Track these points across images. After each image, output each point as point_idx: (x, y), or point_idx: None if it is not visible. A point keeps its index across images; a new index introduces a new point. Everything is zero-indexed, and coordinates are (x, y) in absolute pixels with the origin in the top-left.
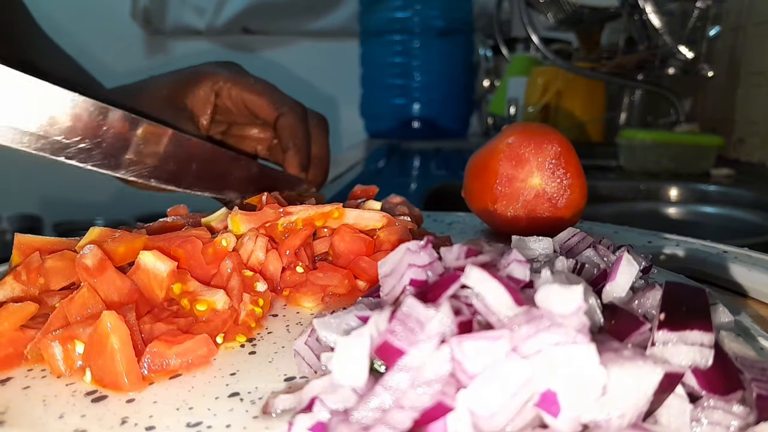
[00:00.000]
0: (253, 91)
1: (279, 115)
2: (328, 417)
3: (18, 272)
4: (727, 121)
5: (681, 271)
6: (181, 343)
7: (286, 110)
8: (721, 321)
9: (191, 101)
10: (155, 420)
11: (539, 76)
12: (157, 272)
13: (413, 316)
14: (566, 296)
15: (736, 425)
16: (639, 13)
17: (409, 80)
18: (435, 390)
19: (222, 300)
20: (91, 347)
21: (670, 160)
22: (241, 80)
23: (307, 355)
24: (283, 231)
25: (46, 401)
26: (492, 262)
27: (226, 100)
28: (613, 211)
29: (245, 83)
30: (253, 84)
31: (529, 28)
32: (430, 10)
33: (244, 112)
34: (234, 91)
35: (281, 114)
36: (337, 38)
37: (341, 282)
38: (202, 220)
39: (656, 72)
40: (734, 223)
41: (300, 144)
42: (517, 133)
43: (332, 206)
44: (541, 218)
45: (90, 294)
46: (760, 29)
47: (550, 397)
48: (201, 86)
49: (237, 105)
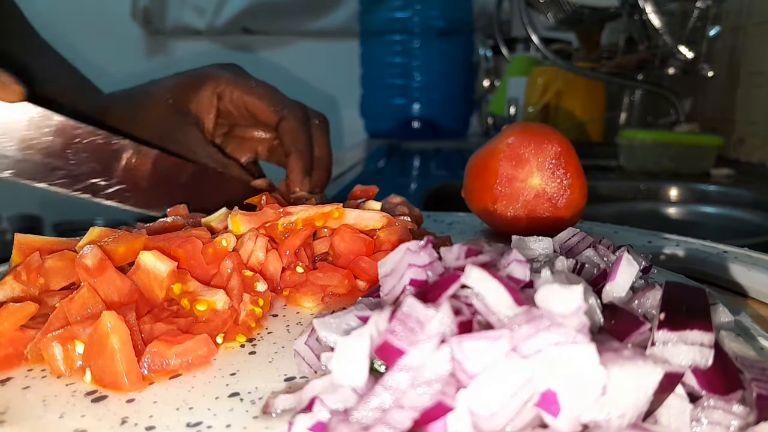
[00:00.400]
0: (254, 94)
1: (281, 119)
2: (328, 417)
3: (18, 272)
4: (727, 121)
5: (681, 271)
6: (181, 343)
7: (288, 113)
8: (721, 321)
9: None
10: (155, 420)
11: (539, 76)
12: (157, 272)
13: (413, 315)
14: (566, 296)
15: (736, 425)
16: (639, 13)
17: (409, 80)
18: (435, 390)
19: (222, 300)
20: (91, 347)
21: (670, 160)
22: (243, 83)
23: (307, 355)
24: (283, 231)
25: (46, 401)
26: (492, 262)
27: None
28: (613, 211)
29: (246, 86)
30: (254, 87)
31: (529, 28)
32: (430, 10)
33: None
34: (235, 94)
35: (283, 117)
36: (337, 38)
37: (341, 282)
38: (202, 220)
39: (656, 72)
40: (734, 223)
41: (302, 148)
42: (517, 133)
43: (332, 206)
44: (541, 218)
45: (90, 294)
46: (760, 29)
47: (550, 397)
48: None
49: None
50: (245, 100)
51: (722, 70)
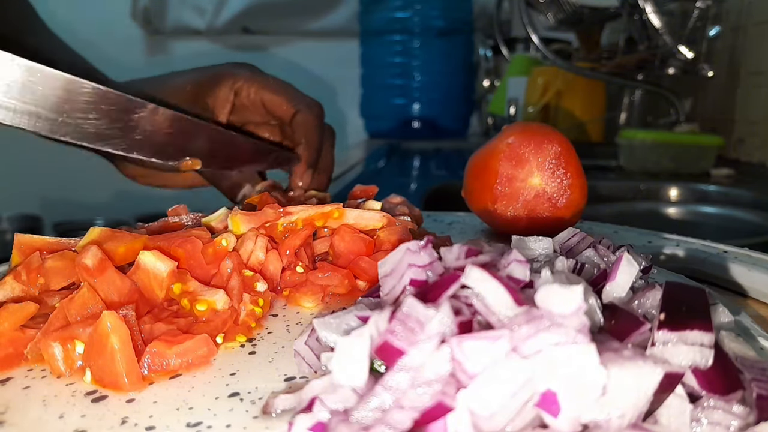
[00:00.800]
0: (271, 90)
1: (296, 112)
2: (328, 417)
3: (18, 272)
4: (727, 121)
5: (681, 271)
6: (181, 343)
7: (303, 108)
8: (721, 321)
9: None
10: (155, 420)
11: (539, 76)
12: (157, 272)
13: (413, 316)
14: (566, 296)
15: (736, 425)
16: (639, 13)
17: (409, 80)
18: (435, 390)
19: (222, 300)
20: (91, 347)
21: (670, 160)
22: (260, 79)
23: (307, 355)
24: (283, 231)
25: (46, 401)
26: (492, 262)
27: (245, 99)
28: (613, 211)
29: (263, 82)
30: (271, 83)
31: (529, 28)
32: (430, 10)
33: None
34: (252, 90)
35: (298, 111)
36: (337, 38)
37: (341, 282)
38: (202, 219)
39: (656, 72)
40: (734, 223)
41: (312, 141)
42: (517, 133)
43: (332, 206)
44: (541, 218)
45: (90, 294)
46: (760, 29)
47: (550, 397)
48: (221, 86)
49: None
50: (262, 96)
51: (722, 70)
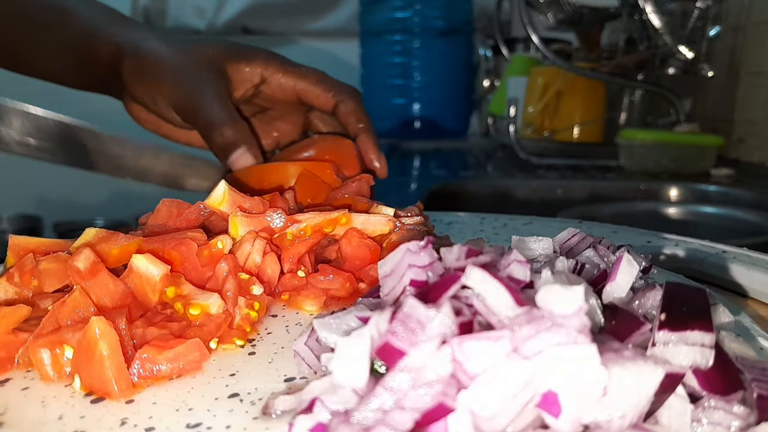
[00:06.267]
0: (307, 80)
1: (338, 102)
2: (328, 418)
3: (11, 274)
4: (727, 121)
5: (680, 271)
6: (172, 348)
7: (346, 96)
8: (721, 321)
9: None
10: (155, 421)
11: (539, 76)
12: (150, 276)
13: (414, 316)
14: (567, 297)
15: (736, 425)
16: (639, 13)
17: (409, 80)
18: (436, 391)
19: (216, 304)
20: (80, 353)
21: (670, 160)
22: (293, 69)
23: (307, 355)
24: (291, 240)
25: (45, 402)
26: (492, 263)
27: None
28: (613, 211)
29: (299, 73)
30: (306, 73)
31: (529, 28)
32: (430, 10)
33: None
34: (284, 80)
35: (341, 101)
36: (337, 38)
37: (343, 285)
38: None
39: (656, 72)
40: (734, 223)
41: (369, 126)
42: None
43: (339, 212)
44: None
45: (82, 297)
46: (760, 29)
47: (551, 398)
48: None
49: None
50: (297, 86)
51: (722, 70)
